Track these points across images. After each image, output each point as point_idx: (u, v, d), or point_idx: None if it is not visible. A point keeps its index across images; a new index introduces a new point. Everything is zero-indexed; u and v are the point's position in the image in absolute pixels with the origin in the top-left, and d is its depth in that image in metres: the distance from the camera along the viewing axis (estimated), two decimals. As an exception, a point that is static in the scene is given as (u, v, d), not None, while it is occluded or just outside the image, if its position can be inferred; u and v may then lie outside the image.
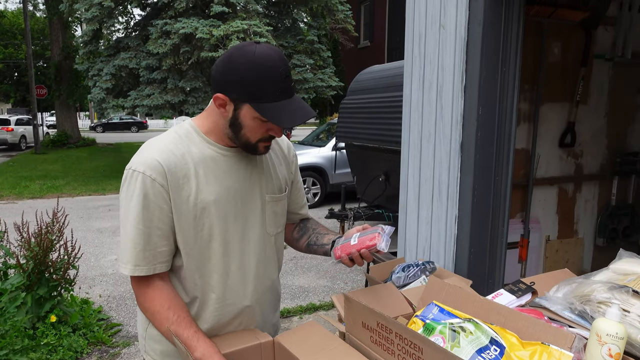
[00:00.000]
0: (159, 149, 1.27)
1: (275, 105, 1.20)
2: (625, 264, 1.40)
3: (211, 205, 1.29)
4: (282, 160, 1.51)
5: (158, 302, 1.28)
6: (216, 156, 1.31)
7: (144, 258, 1.26)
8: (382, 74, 6.40)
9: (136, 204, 1.24)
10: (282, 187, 1.47)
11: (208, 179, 1.29)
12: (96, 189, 10.57)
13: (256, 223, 1.39)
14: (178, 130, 1.34)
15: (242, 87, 1.20)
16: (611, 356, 1.10)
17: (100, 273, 5.20)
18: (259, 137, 1.28)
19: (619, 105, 3.37)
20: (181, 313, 1.28)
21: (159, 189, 1.24)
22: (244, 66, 1.18)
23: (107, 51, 12.90)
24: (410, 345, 1.06)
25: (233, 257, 1.36)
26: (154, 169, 1.23)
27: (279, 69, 1.19)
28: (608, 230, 3.44)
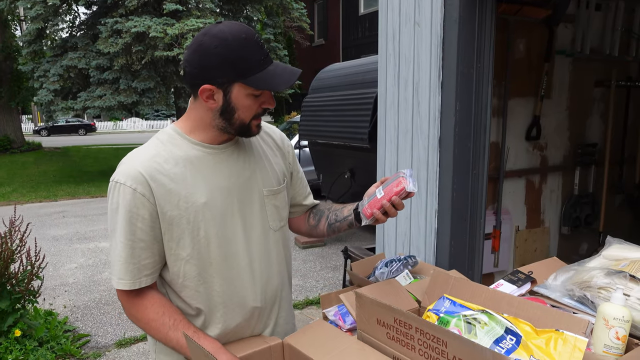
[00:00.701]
0: (141, 158, 1.23)
1: (264, 74, 1.18)
2: (616, 250, 1.47)
3: (203, 208, 1.24)
4: (277, 151, 1.46)
5: (151, 310, 1.24)
6: (202, 156, 1.27)
7: (128, 271, 1.23)
8: (345, 71, 6.44)
9: (119, 216, 1.21)
10: (280, 179, 1.42)
11: (197, 181, 1.24)
12: (47, 195, 10.10)
13: (257, 220, 1.35)
14: (160, 137, 1.29)
15: (227, 67, 1.16)
16: (618, 339, 1.15)
17: (61, 283, 4.97)
18: (253, 114, 1.24)
19: (579, 99, 3.54)
20: (176, 317, 1.25)
21: (141, 200, 1.19)
22: (220, 47, 1.15)
23: (53, 51, 12.35)
24: (433, 339, 1.07)
25: (236, 259, 1.31)
26: (134, 179, 1.19)
27: (253, 37, 1.17)
28: (572, 219, 3.60)
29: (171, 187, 1.22)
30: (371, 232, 6.55)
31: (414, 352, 1.12)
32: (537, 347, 1.11)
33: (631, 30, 3.59)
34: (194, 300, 1.30)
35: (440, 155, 2.54)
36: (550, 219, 3.60)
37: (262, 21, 14.56)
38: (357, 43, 19.89)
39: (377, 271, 2.51)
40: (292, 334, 1.37)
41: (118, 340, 3.69)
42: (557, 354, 1.09)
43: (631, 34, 3.59)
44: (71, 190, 10.69)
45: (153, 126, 36.43)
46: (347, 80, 6.23)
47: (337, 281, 4.86)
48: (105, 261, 5.66)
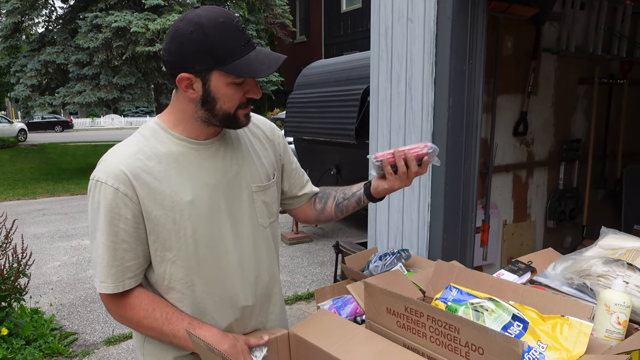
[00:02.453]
0: (123, 155, 1.17)
1: (244, 60, 1.10)
2: (611, 239, 1.52)
3: (190, 206, 1.19)
4: (267, 143, 1.39)
5: (140, 308, 1.20)
6: (187, 152, 1.21)
7: (111, 274, 1.17)
8: (331, 68, 6.46)
9: (100, 217, 1.16)
10: (270, 174, 1.36)
11: (182, 178, 1.19)
12: (25, 193, 9.89)
13: (245, 217, 1.30)
14: (143, 131, 1.23)
15: (204, 54, 1.09)
16: (619, 324, 1.19)
17: (45, 281, 4.89)
18: (236, 104, 1.17)
19: (564, 96, 3.62)
20: (167, 310, 1.21)
21: (123, 199, 1.14)
22: (196, 32, 1.08)
23: (31, 45, 12.08)
24: (445, 326, 1.09)
25: (225, 258, 1.26)
26: (116, 178, 1.13)
27: (232, 21, 1.10)
28: (557, 213, 3.68)
29: (155, 185, 1.16)
30: (361, 228, 6.59)
31: (425, 339, 1.14)
32: (543, 333, 1.15)
33: (613, 29, 3.68)
34: (180, 303, 1.25)
35: (433, 150, 2.57)
36: (536, 213, 3.68)
37: (244, 17, 14.46)
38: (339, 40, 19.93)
39: (371, 265, 2.54)
40: (298, 324, 1.37)
41: (107, 337, 3.65)
42: (564, 338, 1.12)
43: (613, 32, 3.68)
44: (50, 187, 10.49)
45: (132, 123, 35.87)
46: (333, 76, 6.24)
47: (325, 276, 4.88)
48: (89, 259, 5.57)
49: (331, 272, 4.82)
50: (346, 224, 7.01)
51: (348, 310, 1.87)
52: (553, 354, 1.10)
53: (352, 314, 1.85)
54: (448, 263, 1.46)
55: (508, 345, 0.95)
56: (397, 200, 2.85)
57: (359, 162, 5.33)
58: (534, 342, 1.12)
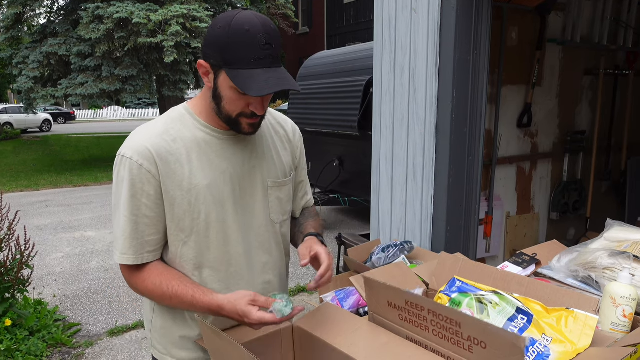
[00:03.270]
0: (149, 134, 1.22)
1: (248, 73, 1.12)
2: (617, 232, 1.50)
3: (205, 191, 1.24)
4: (287, 144, 1.44)
5: (150, 282, 1.24)
6: (209, 139, 1.26)
7: (131, 247, 1.22)
8: (333, 59, 6.42)
9: (124, 191, 1.21)
10: (286, 172, 1.40)
11: (202, 164, 1.24)
12: (28, 185, 9.92)
13: (259, 210, 1.34)
14: (171, 114, 1.28)
15: (218, 51, 1.14)
16: (625, 316, 1.18)
17: (48, 272, 4.91)
18: (238, 110, 1.20)
19: (569, 87, 3.58)
20: (173, 282, 1.23)
21: (147, 176, 1.19)
22: (221, 29, 1.13)
23: (33, 37, 12.04)
24: (446, 320, 1.08)
25: (234, 246, 1.31)
26: (141, 155, 1.19)
27: (257, 34, 1.12)
28: (560, 205, 3.66)
29: (176, 167, 1.21)
30: (364, 220, 6.58)
31: (427, 332, 1.14)
32: (548, 326, 1.14)
33: (619, 19, 3.64)
34: None
35: (436, 142, 2.56)
36: (540, 205, 3.66)
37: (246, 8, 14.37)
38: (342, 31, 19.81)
39: (374, 256, 2.54)
40: (301, 317, 1.37)
41: (110, 329, 3.67)
42: (569, 331, 1.11)
43: (619, 23, 3.64)
44: (53, 179, 10.52)
45: (134, 115, 35.82)
46: (335, 68, 6.21)
47: (327, 268, 4.88)
48: (92, 250, 5.59)
49: (334, 264, 4.82)
50: (349, 216, 7.01)
51: (351, 302, 1.87)
52: (558, 346, 1.09)
53: (354, 305, 1.84)
54: (452, 255, 1.45)
55: (511, 340, 0.94)
56: (400, 193, 2.84)
57: (362, 153, 5.32)
58: (538, 335, 1.12)
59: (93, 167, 12.11)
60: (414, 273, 1.51)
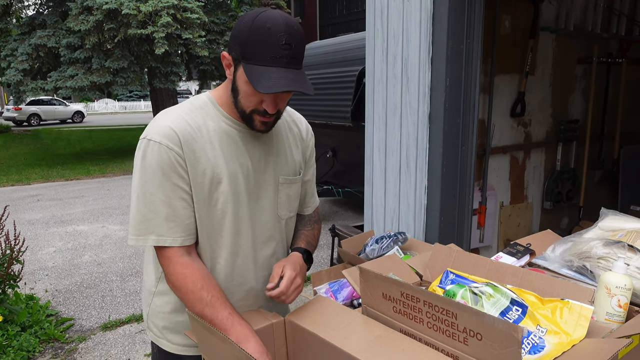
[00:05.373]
0: (174, 119, 1.22)
1: (263, 69, 1.13)
2: (611, 221, 1.49)
3: (226, 181, 1.25)
4: (300, 143, 1.46)
5: (190, 281, 1.21)
6: (231, 131, 1.28)
7: (170, 229, 1.21)
8: (326, 49, 6.37)
9: (156, 174, 1.19)
10: (297, 170, 1.43)
11: (224, 154, 1.25)
12: (19, 179, 9.82)
13: (268, 204, 1.36)
14: (194, 102, 1.29)
15: (239, 45, 1.16)
16: (620, 307, 1.17)
17: (40, 267, 4.86)
18: (252, 106, 1.21)
19: (562, 76, 3.57)
20: (214, 292, 1.22)
21: (177, 159, 1.19)
22: (245, 24, 1.15)
23: (21, 29, 11.87)
24: (442, 311, 1.07)
25: (243, 237, 1.33)
26: (170, 138, 1.19)
27: (278, 34, 1.12)
28: (554, 194, 3.66)
29: (200, 155, 1.22)
30: (358, 211, 6.57)
31: (422, 325, 1.12)
32: (543, 317, 1.13)
33: (612, 7, 3.62)
34: None
35: (430, 131, 2.54)
36: (533, 195, 3.66)
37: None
38: (334, 21, 19.67)
39: (368, 248, 2.52)
40: (294, 310, 1.36)
41: (103, 323, 3.64)
42: (564, 322, 1.10)
43: (612, 10, 3.62)
44: (44, 173, 10.42)
45: (126, 107, 35.50)
46: (328, 58, 6.16)
47: (322, 260, 4.87)
48: (85, 244, 5.55)
49: (328, 255, 4.81)
50: (342, 207, 6.99)
51: (344, 294, 1.85)
52: (553, 338, 1.08)
53: (348, 297, 1.83)
54: (446, 246, 1.44)
55: (507, 331, 0.93)
56: (393, 184, 2.82)
57: (355, 144, 5.29)
58: (533, 327, 1.10)
59: (85, 161, 12.02)
60: (408, 265, 1.50)
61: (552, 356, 1.03)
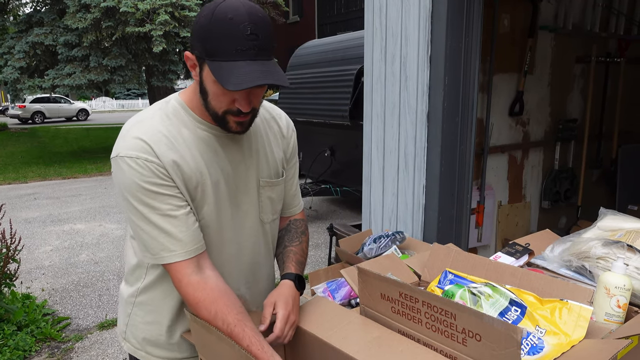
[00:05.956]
0: (147, 131, 1.13)
1: (229, 65, 1.03)
2: (610, 221, 1.49)
3: (210, 189, 1.19)
4: (280, 140, 1.37)
5: (204, 308, 1.13)
6: (208, 137, 1.20)
7: (177, 242, 1.13)
8: (324, 48, 6.36)
9: (141, 192, 1.11)
10: (279, 171, 1.35)
11: (205, 161, 1.18)
12: (16, 177, 9.78)
13: (250, 209, 1.30)
14: (164, 109, 1.19)
15: (201, 41, 1.06)
16: (619, 307, 1.17)
17: (37, 266, 4.85)
18: (224, 107, 1.12)
19: (560, 75, 3.56)
20: (230, 319, 1.12)
21: (160, 169, 1.11)
22: (204, 18, 1.05)
23: (18, 27, 11.83)
24: (441, 312, 1.06)
25: (227, 245, 1.27)
26: (143, 150, 1.11)
27: (241, 24, 1.02)
28: (552, 194, 3.66)
29: (181, 163, 1.15)
30: (356, 210, 6.57)
31: (420, 326, 1.11)
32: (542, 317, 1.12)
33: (611, 6, 3.62)
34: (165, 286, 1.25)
35: (428, 131, 2.53)
36: (531, 194, 3.66)
37: None
38: (333, 20, 19.65)
39: (366, 247, 2.52)
40: (292, 311, 1.34)
41: (100, 322, 3.63)
42: (563, 323, 1.10)
43: (611, 10, 3.62)
44: (41, 171, 10.38)
45: (124, 105, 35.38)
46: (326, 57, 6.15)
47: (319, 259, 4.86)
48: (82, 243, 5.53)
49: (325, 254, 4.80)
50: (340, 206, 6.99)
51: (342, 294, 1.85)
52: (552, 338, 1.07)
53: (346, 297, 1.82)
54: (444, 246, 1.43)
55: (507, 331, 0.92)
56: (391, 183, 2.81)
57: (353, 143, 5.29)
58: (532, 327, 1.10)
59: (82, 159, 11.98)
60: (406, 265, 1.49)
61: (551, 357, 1.03)
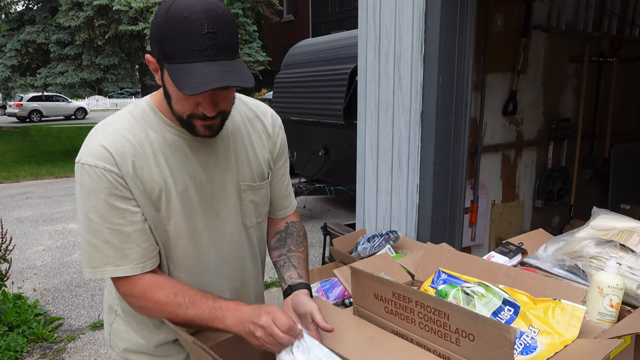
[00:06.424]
0: (109, 136, 1.09)
1: (186, 67, 0.97)
2: (603, 220, 1.49)
3: (175, 198, 1.13)
4: (266, 139, 1.30)
5: (162, 294, 1.11)
6: (178, 141, 1.13)
7: (125, 257, 1.10)
8: (318, 47, 6.35)
9: (98, 201, 1.07)
10: (264, 174, 1.29)
11: (171, 168, 1.13)
12: (7, 176, 9.71)
13: (231, 215, 1.24)
14: (133, 111, 1.15)
15: (157, 43, 1.00)
16: (612, 306, 1.17)
17: (28, 266, 4.81)
18: (187, 111, 1.06)
19: (553, 74, 3.57)
20: (190, 292, 1.12)
21: (118, 180, 1.07)
22: (159, 18, 0.99)
23: (10, 24, 11.73)
24: (434, 312, 1.05)
25: (205, 254, 1.22)
26: (104, 159, 1.06)
27: (197, 22, 0.95)
28: (545, 193, 3.67)
29: (142, 172, 1.10)
30: (349, 209, 6.57)
31: (413, 326, 1.11)
32: (535, 317, 1.12)
33: (604, 6, 3.63)
34: None
35: (422, 130, 2.53)
36: (525, 193, 3.67)
37: None
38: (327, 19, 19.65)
39: (360, 246, 2.51)
40: (285, 311, 1.33)
41: (92, 322, 3.60)
42: (556, 322, 1.10)
43: (604, 10, 3.63)
44: (33, 170, 10.31)
45: (117, 104, 35.21)
46: (320, 56, 6.14)
47: (312, 258, 4.86)
48: (74, 243, 5.49)
49: (319, 253, 4.80)
50: (334, 205, 6.98)
51: (336, 293, 1.84)
52: (545, 338, 1.07)
53: (340, 296, 1.82)
54: (437, 246, 1.43)
55: (500, 332, 0.92)
56: (385, 182, 2.81)
57: (347, 142, 5.28)
58: (525, 327, 1.10)
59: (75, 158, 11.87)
60: (399, 264, 1.49)
61: (544, 357, 1.03)
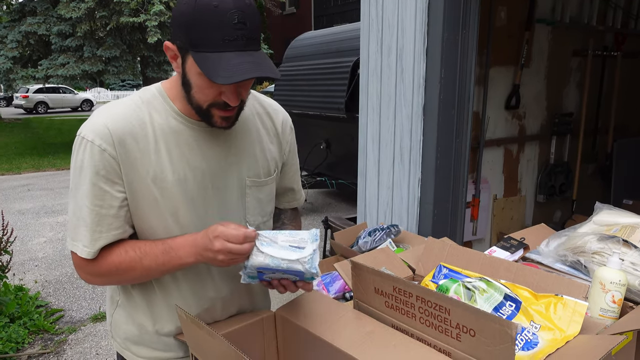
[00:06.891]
0: (112, 115, 1.08)
1: (217, 56, 0.97)
2: (606, 215, 1.48)
3: (174, 187, 1.11)
4: (274, 138, 1.28)
5: (115, 255, 1.10)
6: (182, 129, 1.12)
7: (92, 240, 1.08)
8: (320, 39, 6.32)
9: (85, 177, 1.06)
10: (270, 170, 1.26)
11: (172, 155, 1.10)
12: (9, 168, 9.71)
13: (234, 211, 1.21)
14: (142, 95, 1.14)
15: (184, 31, 0.99)
16: (614, 302, 1.16)
17: (30, 257, 4.82)
18: (209, 100, 1.05)
19: (557, 68, 3.55)
20: (140, 244, 1.11)
21: (110, 161, 1.06)
22: (187, 5, 0.97)
23: (11, 15, 11.69)
24: (435, 307, 1.05)
25: None
26: (103, 137, 1.05)
27: (227, 11, 0.96)
28: (547, 187, 3.66)
29: (141, 155, 1.08)
30: (351, 203, 6.56)
31: (414, 320, 1.10)
32: (537, 313, 1.11)
33: (608, 0, 3.61)
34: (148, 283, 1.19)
35: (424, 123, 2.52)
36: (527, 188, 3.66)
37: None
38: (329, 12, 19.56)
39: (361, 240, 2.51)
40: (284, 305, 1.32)
41: (93, 314, 3.61)
42: (557, 318, 1.09)
43: (608, 3, 3.60)
44: (35, 162, 10.31)
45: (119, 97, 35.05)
46: (322, 48, 6.11)
47: (314, 252, 4.86)
48: (76, 235, 5.50)
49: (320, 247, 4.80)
50: (336, 199, 6.98)
51: (337, 287, 1.84)
52: (547, 334, 1.07)
53: (340, 290, 1.81)
54: (439, 240, 1.42)
55: (501, 327, 0.91)
56: (386, 176, 2.80)
57: (349, 136, 5.27)
58: (526, 323, 1.09)
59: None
60: (400, 259, 1.48)
61: (545, 352, 1.02)
